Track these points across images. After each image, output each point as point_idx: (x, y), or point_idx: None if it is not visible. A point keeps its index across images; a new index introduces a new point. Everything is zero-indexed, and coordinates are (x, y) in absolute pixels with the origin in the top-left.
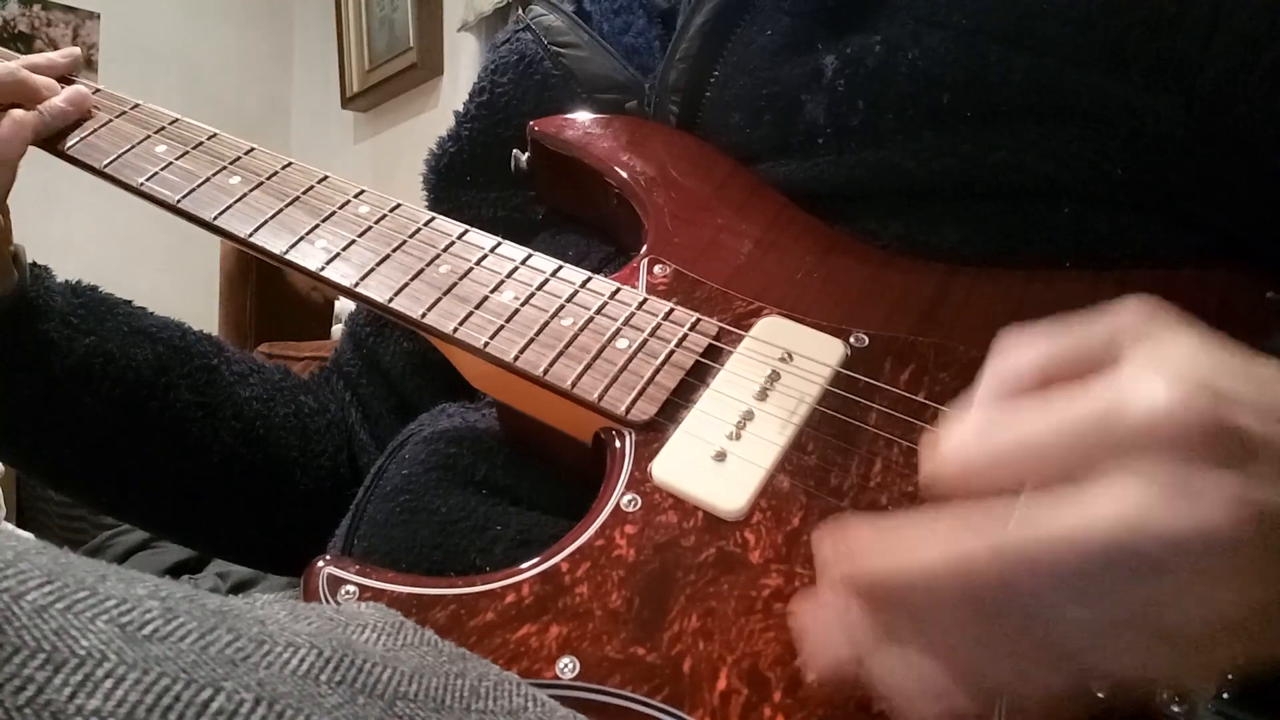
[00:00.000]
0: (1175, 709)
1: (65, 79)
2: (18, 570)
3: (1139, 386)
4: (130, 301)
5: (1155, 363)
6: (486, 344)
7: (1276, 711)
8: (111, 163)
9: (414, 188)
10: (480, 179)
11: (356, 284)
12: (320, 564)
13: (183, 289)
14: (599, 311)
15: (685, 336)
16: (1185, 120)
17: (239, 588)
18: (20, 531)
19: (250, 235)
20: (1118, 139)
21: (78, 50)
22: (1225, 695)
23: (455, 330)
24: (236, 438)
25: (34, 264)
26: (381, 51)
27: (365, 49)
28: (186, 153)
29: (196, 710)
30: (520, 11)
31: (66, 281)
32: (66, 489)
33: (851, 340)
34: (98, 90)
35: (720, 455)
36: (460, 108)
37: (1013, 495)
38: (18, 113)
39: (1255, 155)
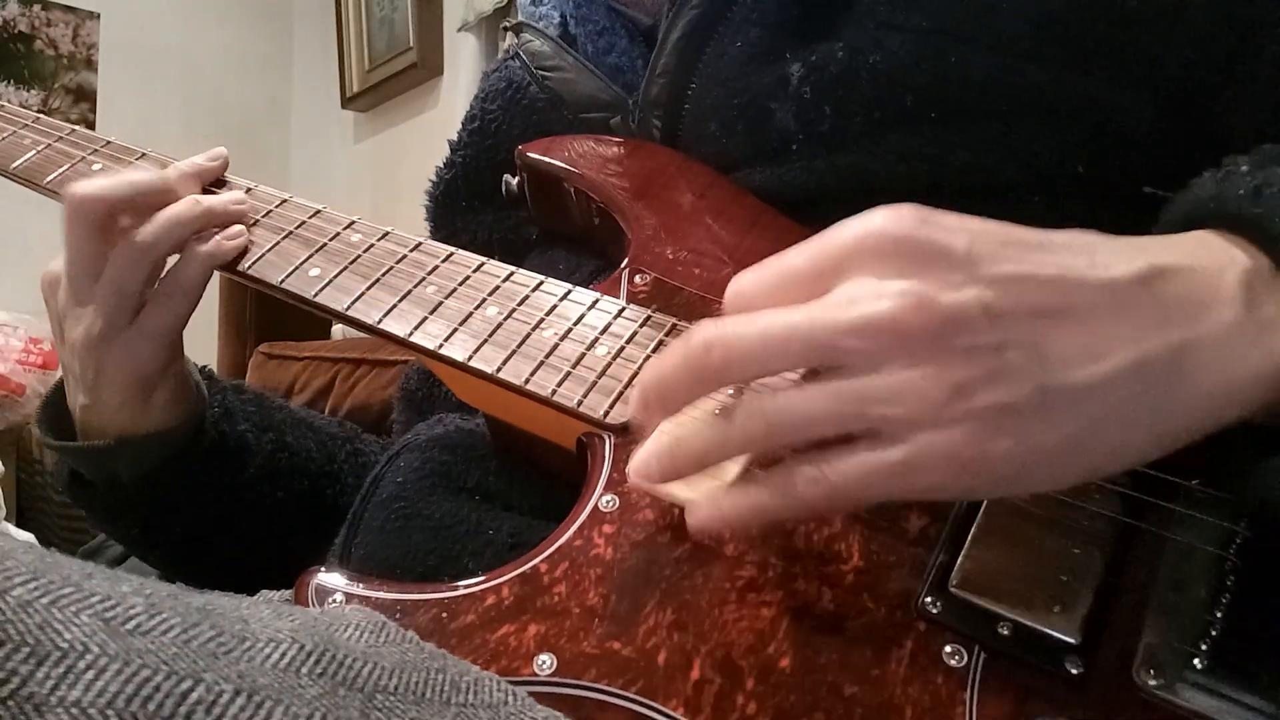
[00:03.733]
0: (1151, 681)
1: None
2: (3, 567)
3: (860, 217)
4: (265, 393)
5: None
6: (470, 358)
7: (1249, 681)
8: None
9: (413, 188)
10: (475, 203)
11: (347, 308)
12: (310, 575)
13: None
14: (579, 321)
15: (662, 341)
16: (1150, 114)
17: None
18: (20, 532)
19: (248, 268)
20: (1081, 135)
21: (224, 150)
22: (1199, 665)
23: (439, 347)
24: None
25: (198, 366)
26: (381, 51)
27: (365, 49)
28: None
29: (176, 700)
30: (513, 35)
31: (227, 381)
32: (205, 581)
33: None
34: (74, 131)
35: None
36: (461, 118)
37: None
38: (202, 250)
39: (1218, 146)
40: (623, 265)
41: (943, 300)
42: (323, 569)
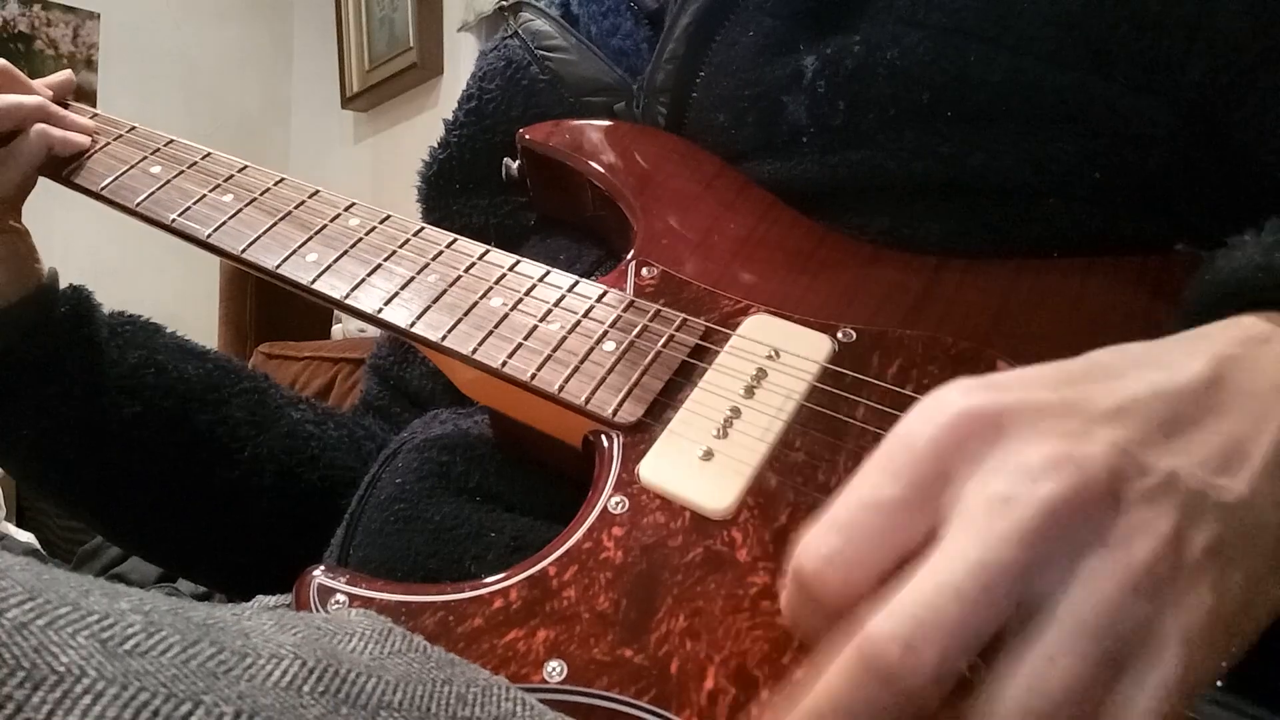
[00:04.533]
0: None
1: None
2: None
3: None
4: (172, 330)
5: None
6: (474, 351)
7: (1270, 697)
8: (108, 185)
9: (413, 188)
10: (471, 186)
11: (346, 296)
12: (311, 574)
13: (183, 289)
14: (586, 315)
15: (672, 337)
16: (1169, 120)
17: None
18: (20, 532)
19: (243, 251)
20: (1099, 140)
21: (70, 73)
22: (1220, 683)
23: (443, 339)
24: (291, 455)
25: (73, 284)
26: (381, 51)
27: (365, 49)
28: (181, 173)
29: None
30: (510, 18)
31: (117, 311)
32: (106, 520)
33: (839, 335)
34: (95, 115)
35: (708, 454)
36: (449, 116)
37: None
38: (41, 127)
39: (1238, 155)
40: (629, 257)
41: (1089, 455)
42: (323, 568)
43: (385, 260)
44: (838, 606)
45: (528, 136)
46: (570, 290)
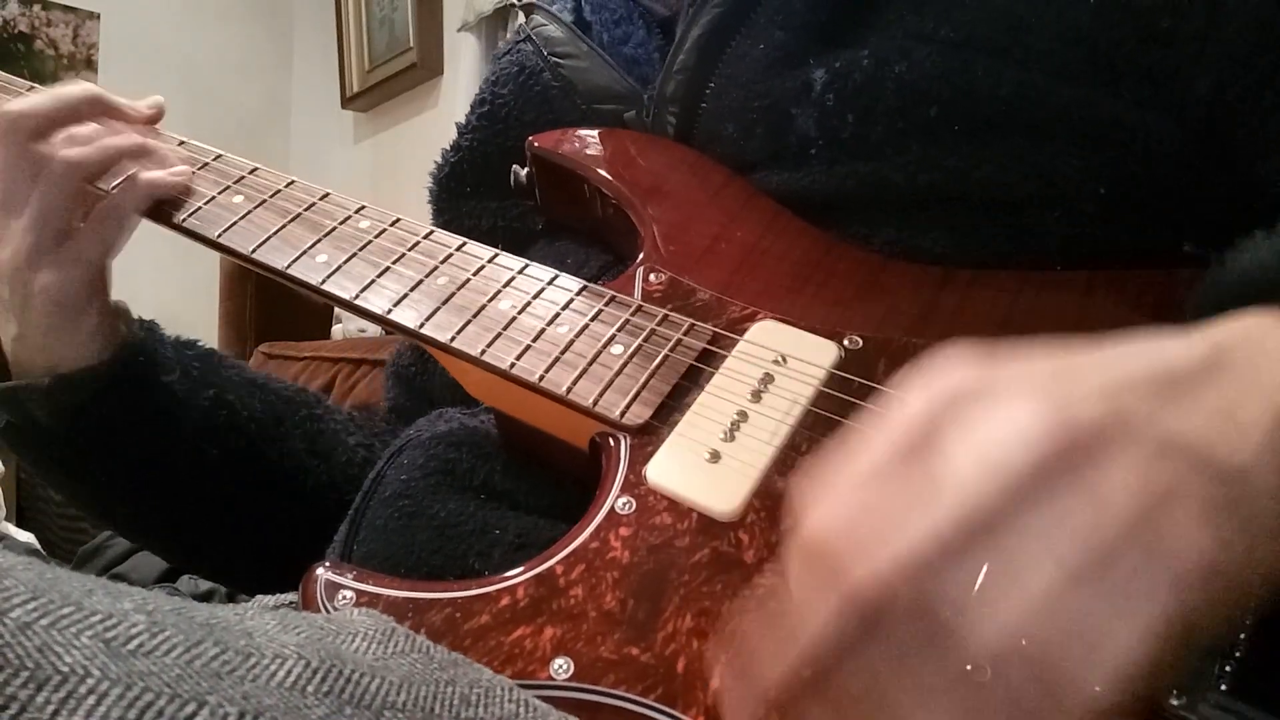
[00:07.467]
0: (1175, 702)
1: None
2: (2, 587)
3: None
4: (225, 355)
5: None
6: (483, 353)
7: (1275, 703)
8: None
9: (413, 188)
10: (481, 189)
11: (356, 297)
12: (318, 570)
13: (183, 288)
14: (594, 318)
15: (679, 341)
16: (1176, 135)
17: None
18: (20, 532)
19: (253, 252)
20: (1105, 155)
21: (161, 99)
22: (1225, 688)
23: (452, 340)
24: (349, 484)
25: (141, 319)
26: (381, 51)
27: (365, 49)
28: (192, 174)
29: None
30: (520, 16)
31: (175, 336)
32: (177, 551)
33: (845, 343)
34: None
35: (714, 456)
36: (462, 119)
37: None
38: (145, 175)
39: (1244, 169)
40: (637, 262)
41: (1079, 413)
42: (329, 565)
43: (395, 263)
44: (848, 570)
45: (537, 144)
46: (579, 294)
